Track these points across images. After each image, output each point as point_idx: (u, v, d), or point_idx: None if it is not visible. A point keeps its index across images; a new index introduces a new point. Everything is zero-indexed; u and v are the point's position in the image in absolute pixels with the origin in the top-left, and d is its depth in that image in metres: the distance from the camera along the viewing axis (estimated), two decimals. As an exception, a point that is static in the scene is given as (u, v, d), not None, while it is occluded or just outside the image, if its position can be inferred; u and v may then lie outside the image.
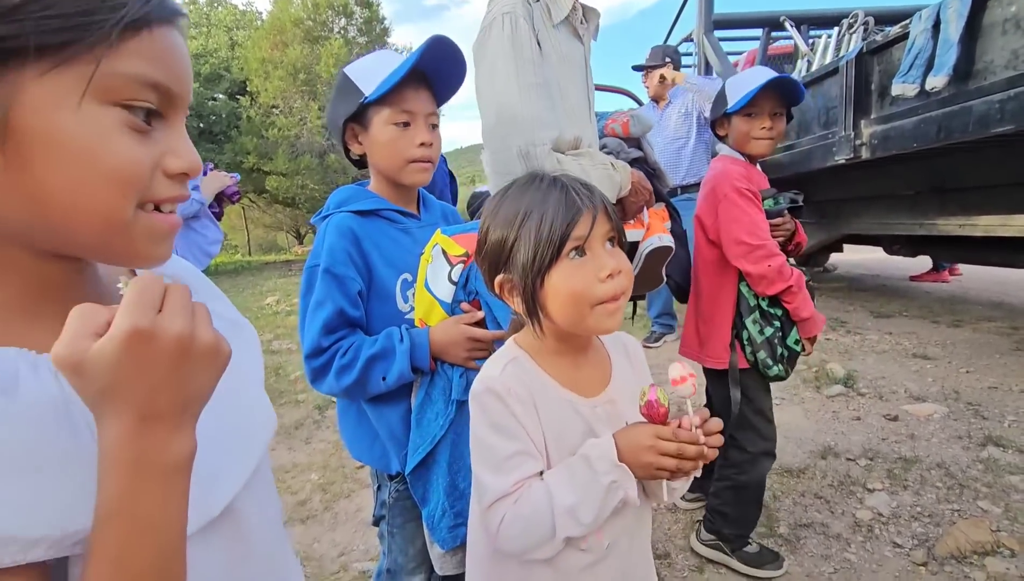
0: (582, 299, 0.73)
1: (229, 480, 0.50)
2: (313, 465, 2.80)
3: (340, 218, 1.07)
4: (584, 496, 0.70)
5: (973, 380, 3.17)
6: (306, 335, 1.03)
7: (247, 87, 13.96)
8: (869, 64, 2.98)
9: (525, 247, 0.73)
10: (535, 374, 0.78)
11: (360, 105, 1.05)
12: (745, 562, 1.74)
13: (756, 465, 1.72)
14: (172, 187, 0.45)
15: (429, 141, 1.09)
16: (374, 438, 1.12)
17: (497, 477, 0.73)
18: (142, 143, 0.42)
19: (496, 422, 0.74)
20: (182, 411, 0.40)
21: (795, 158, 3.84)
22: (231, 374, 0.47)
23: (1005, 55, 2.16)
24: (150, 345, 0.37)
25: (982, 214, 3.30)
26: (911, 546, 1.82)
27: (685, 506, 2.12)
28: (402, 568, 1.20)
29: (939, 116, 2.47)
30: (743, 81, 1.62)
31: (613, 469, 0.70)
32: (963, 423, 2.63)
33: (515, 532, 0.72)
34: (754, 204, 1.59)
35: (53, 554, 0.37)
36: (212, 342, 0.41)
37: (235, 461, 0.52)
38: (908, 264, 6.89)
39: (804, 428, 2.71)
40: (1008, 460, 2.27)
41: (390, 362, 1.01)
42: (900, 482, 2.18)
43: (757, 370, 1.66)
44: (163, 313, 0.38)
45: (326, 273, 1.02)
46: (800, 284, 1.57)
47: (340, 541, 2.16)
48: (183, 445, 0.40)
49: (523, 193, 0.76)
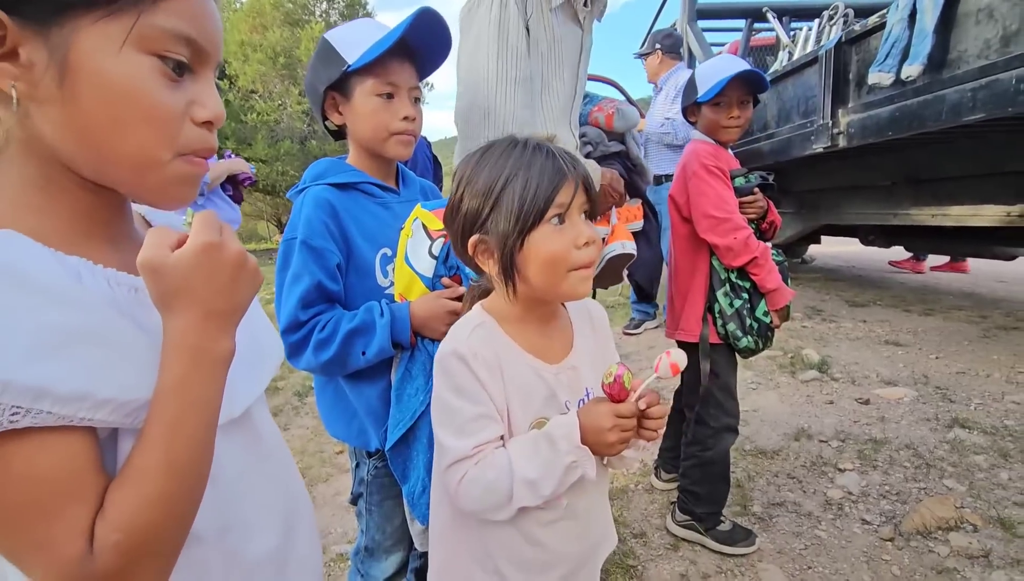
0: (560, 263, 0.74)
1: (247, 389, 0.59)
2: (291, 451, 2.78)
3: (317, 190, 1.05)
4: (545, 472, 0.73)
5: (942, 365, 3.26)
6: (283, 309, 1.01)
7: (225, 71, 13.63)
8: (847, 53, 3.02)
9: (508, 208, 0.74)
10: (501, 339, 0.79)
11: (342, 73, 1.03)
12: (718, 540, 1.78)
13: (719, 440, 1.76)
14: (201, 137, 0.51)
15: (413, 115, 1.07)
16: (352, 416, 1.11)
17: (459, 439, 0.75)
18: (173, 90, 0.49)
19: (460, 385, 0.75)
20: (232, 314, 0.50)
21: (775, 147, 3.88)
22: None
23: (978, 44, 2.20)
24: (218, 256, 0.48)
25: (954, 204, 3.38)
26: (879, 523, 1.88)
27: (661, 486, 2.16)
28: (380, 545, 1.20)
29: (914, 105, 2.51)
30: (711, 71, 1.67)
31: (575, 450, 0.73)
32: (931, 406, 2.71)
33: (474, 493, 0.75)
34: (721, 180, 1.65)
35: (114, 419, 0.45)
36: (255, 265, 0.52)
37: (252, 375, 0.61)
38: (884, 255, 7.05)
39: (779, 411, 2.77)
40: (973, 441, 2.34)
41: (370, 336, 1.00)
42: (870, 462, 2.24)
43: (728, 345, 1.70)
44: (227, 235, 0.49)
45: (303, 245, 1.00)
46: (766, 257, 1.62)
47: (318, 525, 2.15)
48: (229, 343, 0.50)
49: (506, 155, 0.76)
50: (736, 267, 1.64)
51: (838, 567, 1.70)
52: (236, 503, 0.56)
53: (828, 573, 1.68)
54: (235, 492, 0.56)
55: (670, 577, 1.72)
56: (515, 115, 1.29)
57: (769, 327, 1.67)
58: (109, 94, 0.46)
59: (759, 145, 4.13)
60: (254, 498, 0.59)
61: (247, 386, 0.59)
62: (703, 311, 1.71)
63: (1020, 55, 2.01)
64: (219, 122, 0.52)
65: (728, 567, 1.74)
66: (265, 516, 0.60)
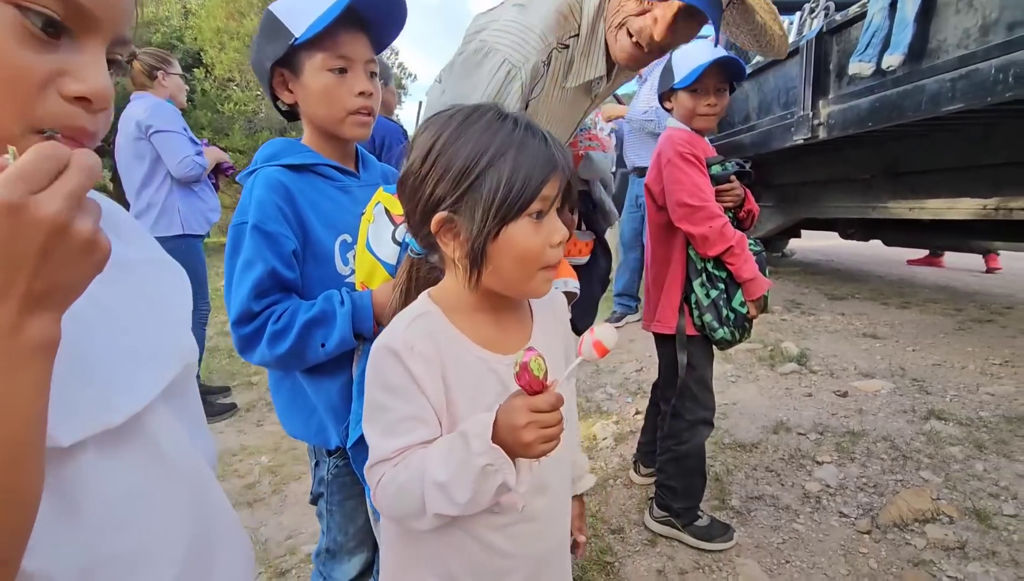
0: (533, 260, 0.69)
1: (133, 394, 0.49)
2: (263, 448, 2.70)
3: (270, 172, 0.97)
4: (457, 475, 0.64)
5: (918, 358, 3.29)
6: (233, 299, 0.93)
7: (201, 59, 13.29)
8: (828, 44, 3.00)
9: (490, 192, 0.65)
10: (446, 331, 0.72)
11: (289, 48, 0.95)
12: (696, 536, 1.76)
13: (694, 433, 1.73)
14: (69, 113, 0.42)
15: (369, 89, 1.00)
16: (311, 412, 1.05)
17: (384, 439, 0.70)
18: (36, 51, 0.40)
19: (389, 382, 0.69)
20: (43, 296, 0.38)
21: (755, 139, 3.87)
22: (146, 298, 0.53)
23: (957, 34, 2.19)
24: (16, 220, 0.35)
25: (931, 198, 3.40)
26: (856, 515, 1.87)
27: (640, 481, 2.13)
28: (342, 547, 1.13)
29: (894, 95, 2.50)
30: (688, 56, 1.63)
31: (488, 451, 0.63)
32: (908, 398, 2.72)
33: (388, 497, 0.70)
34: (697, 168, 1.62)
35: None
36: (89, 235, 0.38)
37: (142, 378, 0.51)
38: (862, 249, 7.13)
39: (758, 404, 2.76)
40: (949, 432, 2.35)
41: (330, 327, 0.93)
42: (848, 455, 2.23)
43: (704, 337, 1.68)
44: (45, 193, 0.36)
45: (255, 230, 0.92)
46: (742, 246, 1.60)
47: (288, 524, 2.09)
48: (40, 330, 0.38)
49: (493, 130, 0.68)
50: (712, 257, 1.61)
51: (816, 560, 1.68)
52: (112, 536, 0.46)
53: (806, 567, 1.66)
54: (110, 522, 0.46)
55: (647, 573, 1.69)
56: None
57: (746, 318, 1.64)
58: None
59: (740, 137, 4.11)
60: (143, 528, 0.49)
61: (135, 390, 0.49)
62: (679, 302, 1.68)
63: (999, 44, 2.00)
64: (100, 102, 0.43)
65: (706, 562, 1.71)
66: (160, 549, 0.50)
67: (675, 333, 1.69)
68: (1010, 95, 1.97)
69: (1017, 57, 1.95)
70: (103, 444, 0.45)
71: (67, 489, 0.42)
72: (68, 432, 0.42)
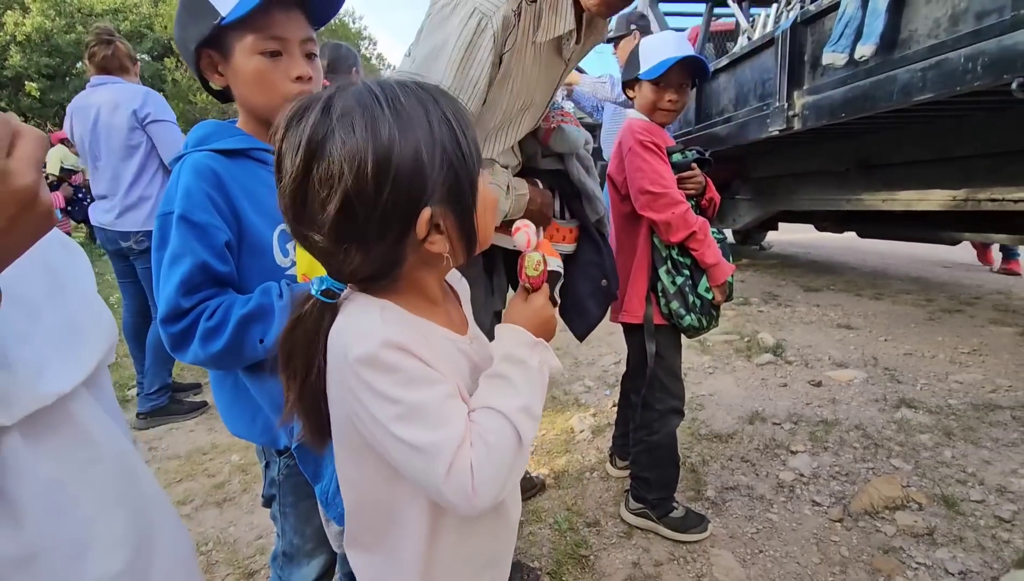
0: (493, 206, 0.70)
1: (59, 375, 0.48)
2: (235, 446, 2.62)
3: (198, 157, 0.90)
4: (529, 390, 0.65)
5: (891, 347, 3.34)
6: (161, 295, 0.85)
7: (172, 47, 12.93)
8: (803, 34, 3.00)
9: (457, 163, 0.59)
10: (412, 318, 0.66)
11: (215, 28, 0.86)
12: (671, 527, 1.74)
13: (665, 423, 1.72)
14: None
15: (307, 73, 0.92)
16: (256, 411, 0.98)
17: (443, 429, 0.58)
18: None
19: (412, 376, 0.59)
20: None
21: (731, 130, 3.87)
22: (52, 278, 0.51)
23: (928, 23, 2.19)
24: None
25: (903, 190, 3.44)
26: (829, 504, 1.87)
27: (616, 474, 2.11)
28: (299, 550, 1.09)
29: (866, 85, 2.51)
30: (655, 48, 1.62)
31: (538, 350, 0.69)
32: (880, 387, 2.76)
33: (490, 471, 0.59)
34: (657, 155, 1.61)
35: None
36: (49, 203, 0.38)
37: (67, 358, 0.50)
38: (837, 241, 7.24)
39: (734, 395, 2.77)
40: (919, 420, 2.38)
41: (268, 322, 0.86)
42: (821, 444, 2.24)
43: (672, 325, 1.66)
44: (15, 157, 0.36)
45: (182, 221, 0.85)
46: (705, 231, 1.59)
47: (258, 524, 2.03)
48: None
49: (408, 110, 0.57)
50: (676, 243, 1.61)
51: (788, 550, 1.68)
52: (46, 524, 0.45)
53: (779, 556, 1.66)
54: (43, 510, 0.45)
55: (622, 566, 1.67)
56: None
57: (712, 304, 1.63)
58: None
59: (716, 129, 4.12)
60: (78, 515, 0.48)
61: (61, 371, 0.48)
62: (646, 291, 1.67)
63: (968, 33, 2.01)
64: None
65: (681, 554, 1.70)
66: (101, 534, 0.49)
67: (643, 322, 1.68)
68: (979, 84, 1.98)
69: (985, 46, 1.96)
70: (28, 431, 0.44)
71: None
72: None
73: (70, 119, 2.72)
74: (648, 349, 1.67)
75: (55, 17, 13.18)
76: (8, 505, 0.41)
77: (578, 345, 3.73)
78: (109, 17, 13.63)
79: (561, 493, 2.04)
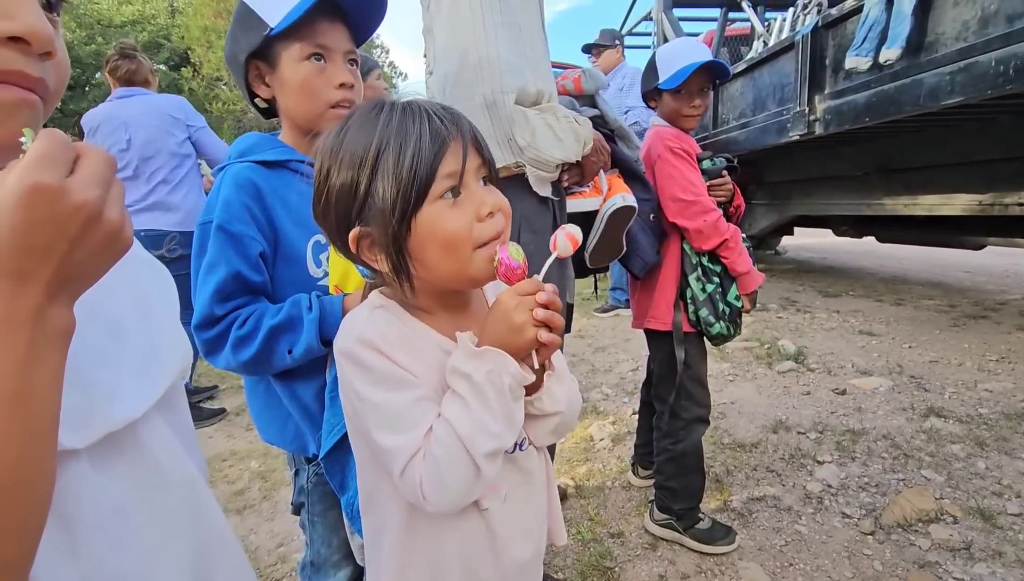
0: (463, 242, 0.61)
1: (131, 399, 0.47)
2: (254, 452, 2.63)
3: (239, 169, 0.91)
4: (479, 404, 0.60)
5: (915, 354, 3.27)
6: (197, 302, 0.88)
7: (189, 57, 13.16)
8: (824, 38, 2.97)
9: (384, 188, 0.59)
10: (406, 319, 0.67)
11: (264, 39, 0.90)
12: (697, 539, 1.71)
13: (690, 432, 1.70)
14: (2, 56, 0.39)
15: (350, 81, 0.95)
16: (286, 418, 0.98)
17: (399, 436, 0.61)
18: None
19: (380, 376, 0.62)
20: (66, 282, 0.37)
21: (750, 135, 3.84)
22: (141, 300, 0.51)
23: (956, 27, 2.16)
24: (58, 205, 0.34)
25: (925, 194, 3.39)
26: (859, 516, 1.83)
27: (638, 483, 2.08)
28: (326, 560, 1.07)
29: (891, 90, 2.47)
30: (673, 56, 1.62)
31: (482, 360, 0.61)
32: (907, 395, 2.70)
33: (436, 486, 0.61)
34: (688, 162, 1.62)
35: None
36: (118, 222, 0.37)
37: (139, 383, 0.48)
38: (856, 246, 7.14)
39: (756, 403, 2.72)
40: (949, 430, 2.32)
41: (297, 333, 0.87)
42: (848, 454, 2.20)
43: (699, 333, 1.66)
44: (76, 176, 0.35)
45: (220, 230, 0.87)
46: (736, 239, 1.59)
47: (279, 531, 2.02)
48: (61, 317, 0.37)
49: (369, 124, 0.62)
50: (707, 250, 1.60)
51: (819, 563, 1.64)
52: (110, 551, 0.43)
53: (810, 570, 1.62)
54: (107, 537, 0.43)
55: (648, 578, 1.64)
56: (508, 61, 1.17)
57: (739, 312, 1.63)
58: None
59: (734, 134, 4.08)
60: (142, 543, 0.46)
61: (132, 395, 0.47)
62: (675, 298, 1.65)
63: (999, 36, 1.97)
64: (39, 44, 0.39)
65: (708, 566, 1.66)
66: (164, 565, 0.48)
67: (671, 330, 1.66)
68: (1010, 88, 1.94)
69: (1017, 49, 1.92)
70: (96, 454, 0.42)
71: (59, 501, 0.38)
72: (64, 438, 0.39)
73: (95, 131, 2.76)
74: (677, 356, 1.65)
75: (75, 29, 13.48)
76: (68, 531, 0.39)
77: (594, 351, 3.70)
78: (128, 28, 13.91)
79: (583, 503, 2.01)
